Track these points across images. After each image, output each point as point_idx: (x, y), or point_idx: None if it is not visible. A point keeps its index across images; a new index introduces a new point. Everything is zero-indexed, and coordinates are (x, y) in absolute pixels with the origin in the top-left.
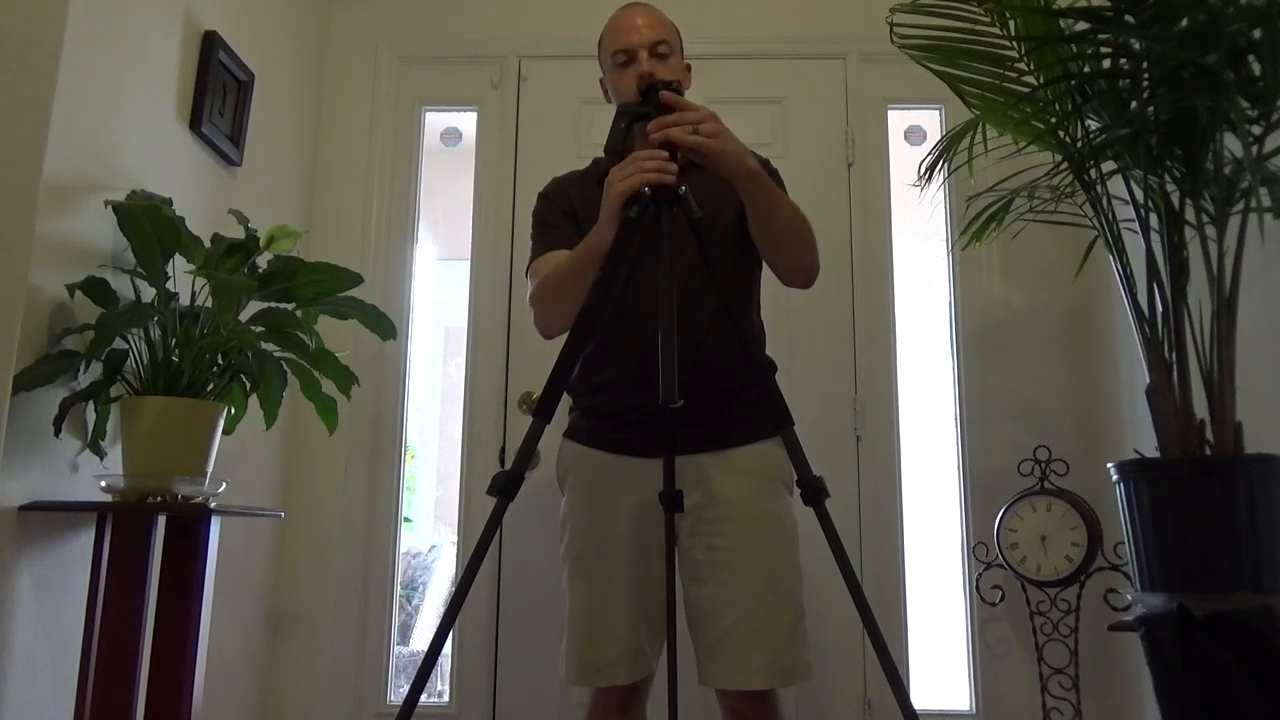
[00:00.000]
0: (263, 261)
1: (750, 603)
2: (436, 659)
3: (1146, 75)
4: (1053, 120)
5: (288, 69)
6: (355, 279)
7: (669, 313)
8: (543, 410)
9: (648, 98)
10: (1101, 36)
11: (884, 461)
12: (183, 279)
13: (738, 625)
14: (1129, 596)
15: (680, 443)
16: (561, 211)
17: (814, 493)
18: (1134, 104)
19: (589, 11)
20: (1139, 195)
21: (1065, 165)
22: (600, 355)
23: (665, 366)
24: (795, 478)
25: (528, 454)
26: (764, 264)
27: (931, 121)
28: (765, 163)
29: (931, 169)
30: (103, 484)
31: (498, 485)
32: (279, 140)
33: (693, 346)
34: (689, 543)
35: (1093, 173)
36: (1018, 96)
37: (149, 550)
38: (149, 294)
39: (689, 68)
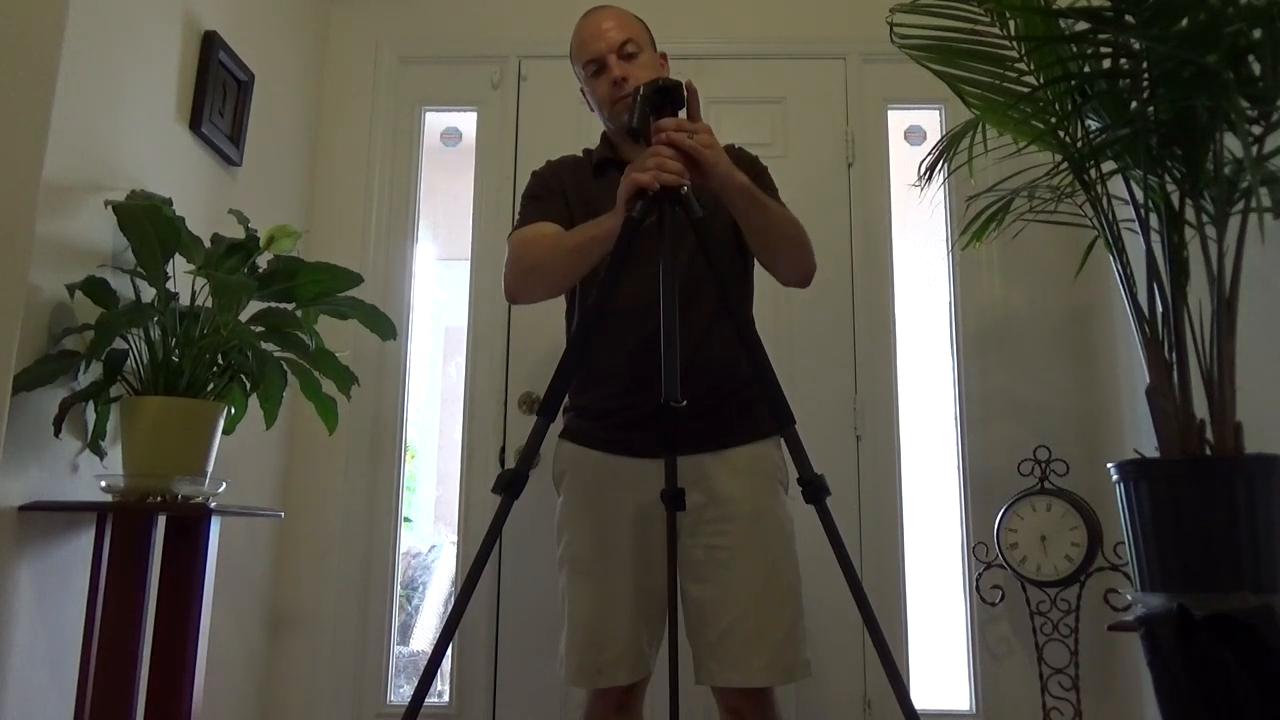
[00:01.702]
0: (263, 261)
1: (750, 601)
2: (441, 660)
3: (1146, 75)
4: (1053, 120)
5: (288, 69)
6: (355, 279)
7: (671, 311)
8: (547, 409)
9: (668, 94)
10: (1101, 36)
11: (884, 461)
12: (183, 279)
13: (738, 624)
14: (1129, 596)
15: (679, 442)
16: (553, 189)
17: (815, 490)
18: (1134, 104)
19: None
20: (1139, 195)
21: (1065, 165)
22: (596, 354)
23: (668, 365)
24: (794, 476)
25: (533, 452)
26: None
27: (931, 121)
28: (755, 161)
29: (931, 169)
30: (103, 484)
31: (503, 484)
32: (279, 140)
33: (691, 346)
34: (689, 542)
35: (1093, 173)
36: (1018, 96)
37: (149, 550)
38: (149, 294)
39: (665, 57)
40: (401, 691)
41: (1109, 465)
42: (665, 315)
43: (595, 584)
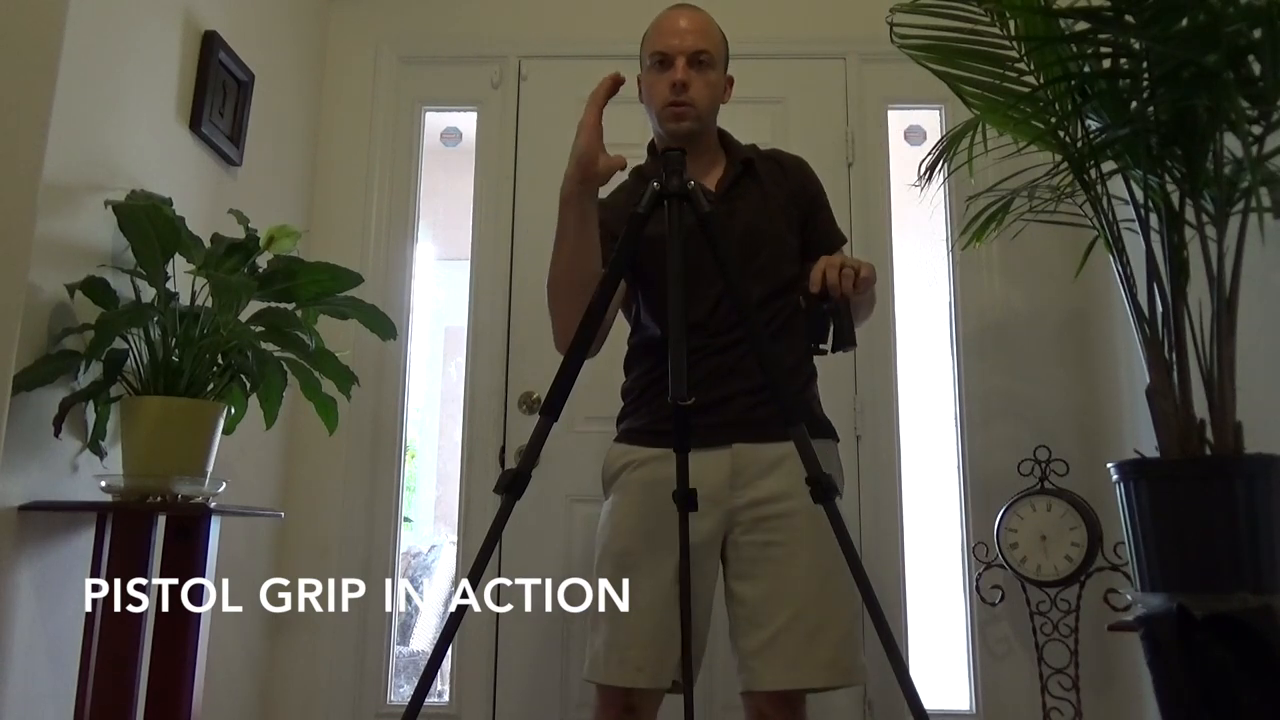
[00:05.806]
0: (263, 261)
1: (810, 598)
2: (441, 660)
3: (1146, 75)
4: (1053, 120)
5: (288, 69)
6: (355, 279)
7: (680, 310)
8: (550, 408)
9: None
10: (1101, 36)
11: (884, 461)
12: (183, 279)
13: (796, 621)
14: (1129, 596)
15: (738, 431)
16: (602, 226)
17: (824, 490)
18: (1134, 104)
19: (589, 11)
20: (1139, 195)
21: (1065, 165)
22: (644, 352)
23: (674, 365)
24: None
25: (536, 452)
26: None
27: (931, 121)
28: (813, 177)
29: (931, 169)
30: (103, 484)
31: (505, 483)
32: (279, 140)
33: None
34: (744, 539)
35: (1093, 173)
36: (1018, 96)
37: (149, 550)
38: (149, 294)
39: (731, 81)
40: (401, 691)
41: (1109, 465)
42: (673, 313)
43: (638, 579)
